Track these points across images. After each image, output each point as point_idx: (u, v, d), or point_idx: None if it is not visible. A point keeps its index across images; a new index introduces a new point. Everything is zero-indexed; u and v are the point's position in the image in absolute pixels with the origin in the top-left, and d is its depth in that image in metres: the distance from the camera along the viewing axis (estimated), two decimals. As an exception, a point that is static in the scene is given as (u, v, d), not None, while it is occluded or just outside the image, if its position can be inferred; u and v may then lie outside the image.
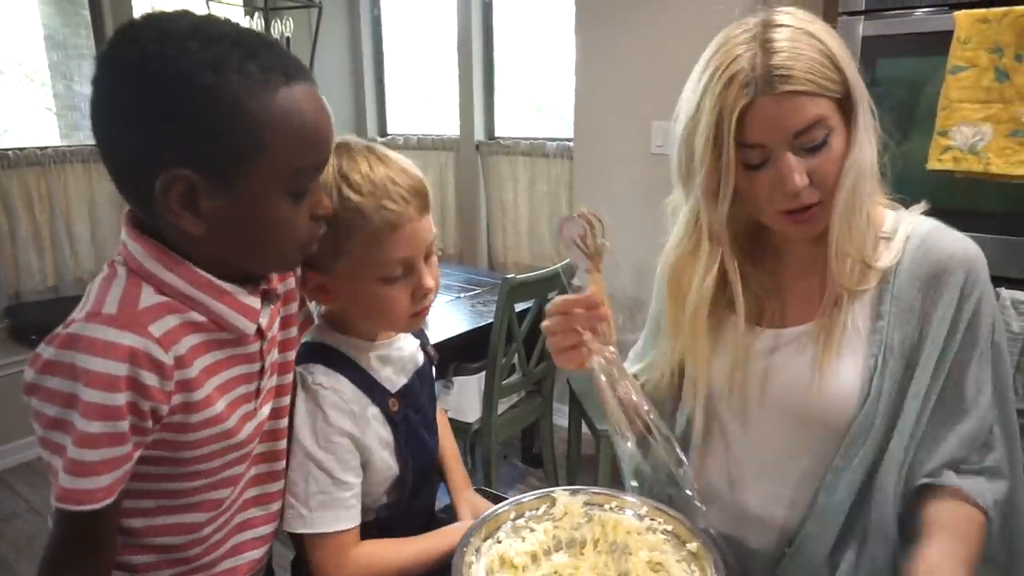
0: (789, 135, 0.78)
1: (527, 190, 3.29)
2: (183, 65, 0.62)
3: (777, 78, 0.76)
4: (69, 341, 0.64)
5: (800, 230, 0.84)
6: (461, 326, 2.36)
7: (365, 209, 0.79)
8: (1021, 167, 1.42)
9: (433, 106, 3.76)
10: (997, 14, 1.42)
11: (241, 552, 0.85)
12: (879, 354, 0.82)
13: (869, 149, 0.81)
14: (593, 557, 0.84)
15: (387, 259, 0.82)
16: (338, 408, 0.85)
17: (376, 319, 0.88)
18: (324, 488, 0.84)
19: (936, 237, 0.84)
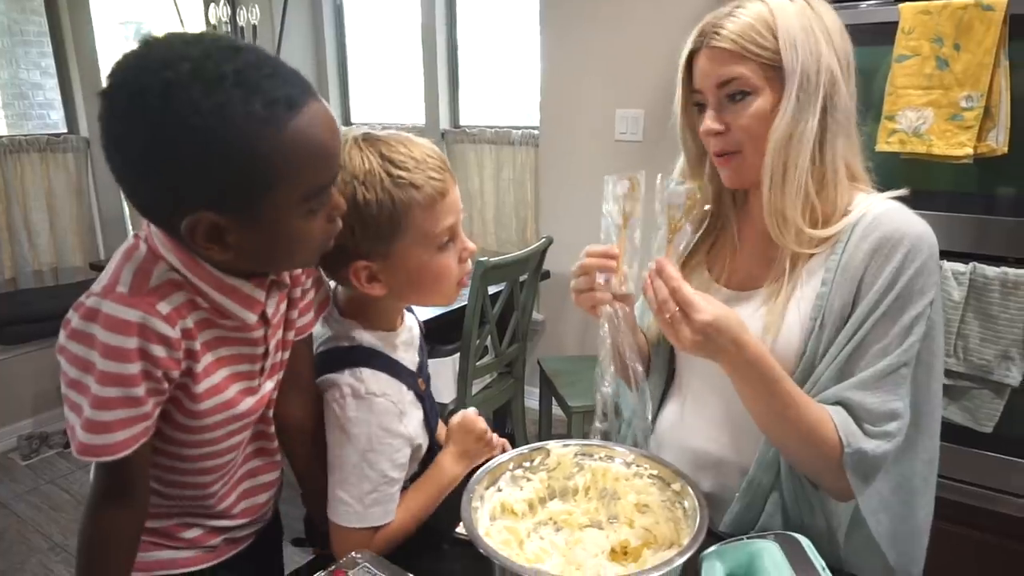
0: (714, 85, 0.93)
1: (493, 178, 3.34)
2: (190, 119, 0.62)
3: (712, 34, 0.91)
4: (89, 313, 0.70)
5: (726, 176, 0.98)
6: (434, 310, 2.40)
7: (417, 182, 0.83)
8: (960, 148, 1.54)
9: (398, 95, 3.77)
10: (938, 6, 1.54)
11: (248, 497, 0.93)
12: (818, 317, 0.91)
13: (796, 121, 0.89)
14: (585, 503, 0.91)
15: (441, 227, 0.86)
16: (390, 412, 0.88)
17: (431, 292, 0.91)
18: (377, 487, 0.88)
19: (890, 215, 0.91)
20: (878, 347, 0.90)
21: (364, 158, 0.82)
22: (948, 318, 1.62)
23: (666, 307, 0.84)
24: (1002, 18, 1.47)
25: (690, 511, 0.80)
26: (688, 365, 1.10)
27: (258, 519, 0.96)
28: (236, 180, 0.65)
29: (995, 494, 1.69)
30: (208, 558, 0.91)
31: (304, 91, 0.68)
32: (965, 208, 1.65)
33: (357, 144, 0.84)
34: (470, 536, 0.78)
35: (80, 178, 3.24)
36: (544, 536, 0.88)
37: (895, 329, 0.89)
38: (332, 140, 0.71)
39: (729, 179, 0.98)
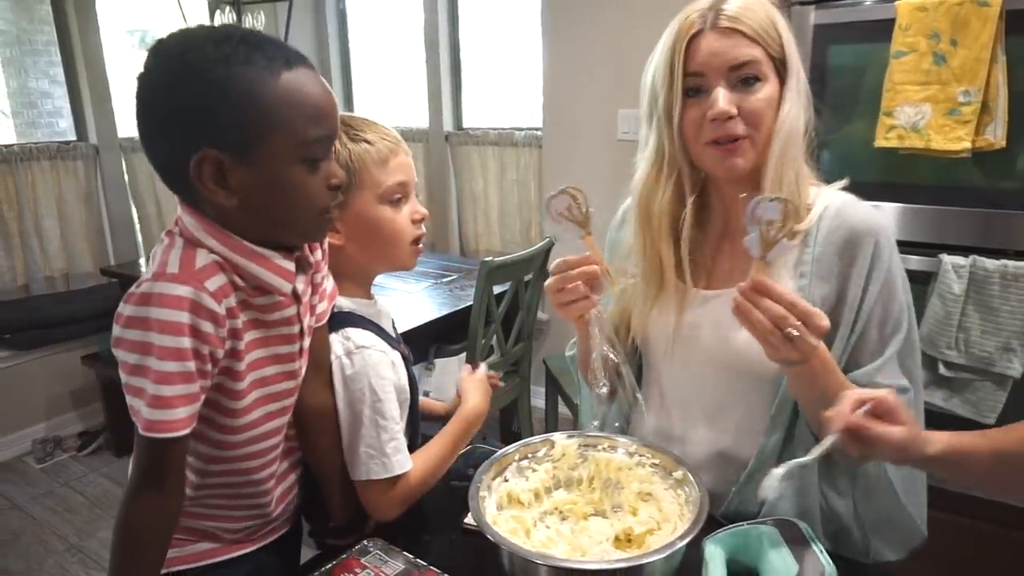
0: (725, 67, 0.90)
1: (497, 179, 3.37)
2: (200, 64, 0.72)
3: (725, 17, 0.90)
4: (143, 299, 0.74)
5: (727, 165, 0.93)
6: (440, 310, 2.43)
7: (370, 139, 0.93)
8: (957, 143, 1.56)
9: (401, 98, 3.81)
10: (934, 3, 1.55)
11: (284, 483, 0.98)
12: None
13: (798, 115, 0.92)
14: (589, 493, 0.93)
15: (392, 181, 0.95)
16: (383, 362, 0.95)
17: (383, 247, 0.98)
18: (394, 435, 0.95)
19: (851, 208, 0.95)
20: (877, 337, 0.93)
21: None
22: (949, 311, 1.64)
23: (786, 323, 0.79)
24: (998, 13, 1.49)
25: (691, 498, 0.82)
26: (666, 370, 1.08)
27: (292, 506, 1.01)
28: (236, 118, 0.73)
29: None
30: (245, 547, 0.96)
31: (301, 59, 0.77)
32: (964, 202, 1.66)
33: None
34: (478, 525, 0.81)
35: (90, 185, 3.27)
36: (550, 525, 0.90)
37: (890, 318, 0.93)
38: (324, 98, 0.78)
39: (732, 168, 0.94)
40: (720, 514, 1.00)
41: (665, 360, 1.07)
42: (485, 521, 0.80)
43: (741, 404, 1.00)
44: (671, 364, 1.07)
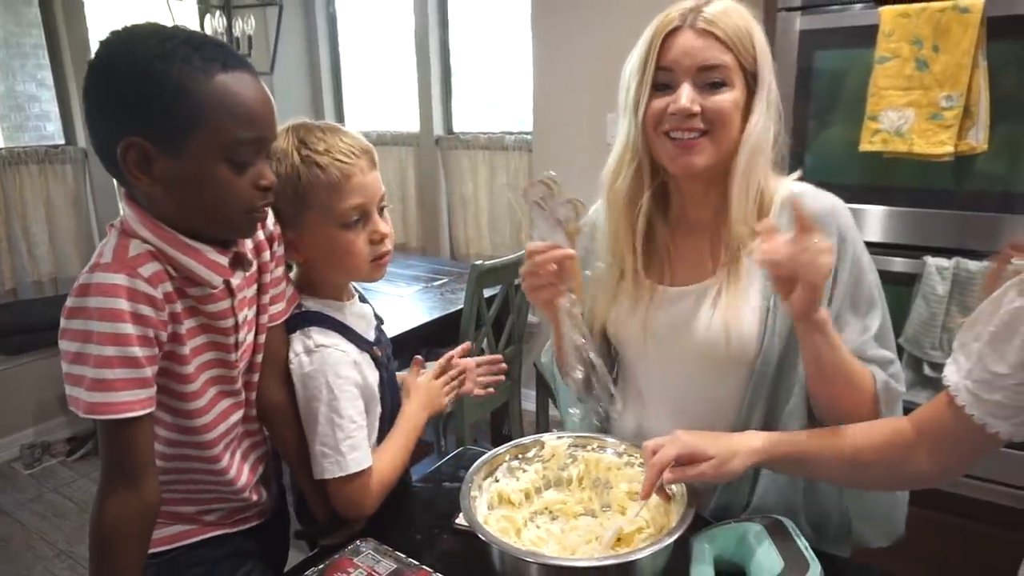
0: (694, 67, 0.92)
1: (487, 183, 3.38)
2: (139, 57, 0.76)
3: (703, 19, 0.92)
4: (81, 289, 0.78)
5: (683, 161, 0.95)
6: (431, 314, 2.44)
7: (322, 162, 0.93)
8: (940, 147, 1.58)
9: (391, 102, 3.82)
10: (916, 9, 1.58)
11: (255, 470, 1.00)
12: (772, 297, 0.96)
13: (767, 127, 0.95)
14: (579, 492, 0.94)
15: (345, 206, 0.94)
16: (342, 361, 0.95)
17: (341, 266, 0.99)
18: (350, 433, 0.94)
19: (810, 196, 0.98)
20: (854, 317, 0.97)
21: (286, 140, 0.93)
22: (933, 312, 1.66)
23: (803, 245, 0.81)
24: (979, 20, 1.51)
25: (678, 496, 0.84)
26: (641, 368, 1.10)
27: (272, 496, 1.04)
28: (165, 111, 0.76)
29: (978, 482, 1.73)
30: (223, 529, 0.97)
31: (240, 63, 0.80)
32: (947, 205, 1.69)
33: (287, 130, 0.94)
34: (470, 525, 0.82)
35: (78, 189, 3.26)
36: (540, 525, 0.92)
37: (863, 297, 0.96)
38: (257, 103, 0.81)
39: (686, 165, 0.96)
40: (708, 512, 1.01)
41: (639, 359, 1.09)
42: (476, 521, 0.81)
43: (719, 399, 1.02)
44: (646, 362, 1.09)
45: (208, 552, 0.95)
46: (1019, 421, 0.72)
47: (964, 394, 0.74)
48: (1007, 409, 0.72)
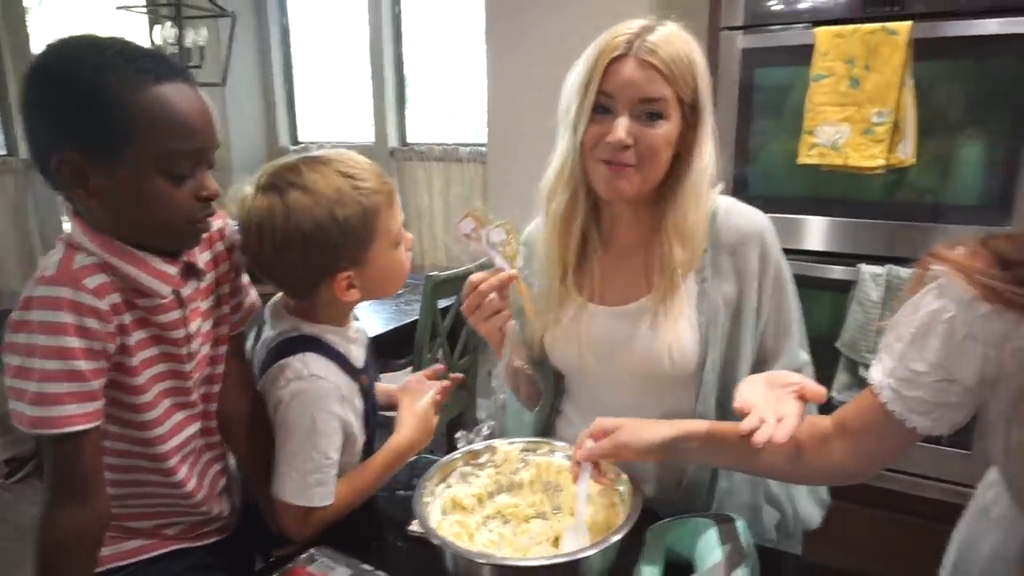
0: (634, 98, 0.94)
1: (442, 195, 3.39)
2: (72, 68, 0.76)
3: (647, 50, 0.93)
4: (25, 303, 0.77)
5: (613, 185, 0.97)
6: (386, 325, 2.44)
7: (377, 188, 0.93)
8: (872, 160, 1.67)
9: (346, 114, 3.81)
10: (849, 31, 1.67)
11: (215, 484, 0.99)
12: (707, 314, 1.00)
13: (712, 159, 0.99)
14: (530, 495, 0.97)
15: (398, 223, 0.97)
16: (332, 395, 0.94)
17: (391, 286, 1.02)
18: (320, 467, 0.93)
19: (736, 212, 1.03)
20: (777, 329, 1.03)
21: (329, 180, 0.90)
22: (868, 317, 1.74)
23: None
24: (906, 41, 1.60)
25: (625, 495, 0.87)
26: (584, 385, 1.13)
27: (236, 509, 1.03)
28: (97, 124, 0.75)
29: (914, 478, 1.81)
30: (183, 543, 0.96)
31: (176, 74, 0.79)
32: (880, 215, 1.78)
33: (314, 170, 0.91)
34: (423, 530, 0.83)
35: (20, 201, 3.17)
36: (493, 528, 0.93)
37: (786, 309, 1.03)
38: (193, 114, 0.80)
39: (616, 190, 0.98)
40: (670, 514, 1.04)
41: (578, 376, 1.12)
42: (429, 526, 0.83)
43: (667, 413, 1.03)
44: (586, 379, 1.12)
45: (167, 566, 0.94)
46: (936, 416, 0.77)
47: (887, 392, 0.79)
48: (926, 405, 0.77)
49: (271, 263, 0.93)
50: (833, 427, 0.87)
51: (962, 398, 0.75)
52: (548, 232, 1.07)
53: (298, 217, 0.88)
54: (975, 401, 0.76)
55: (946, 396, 0.75)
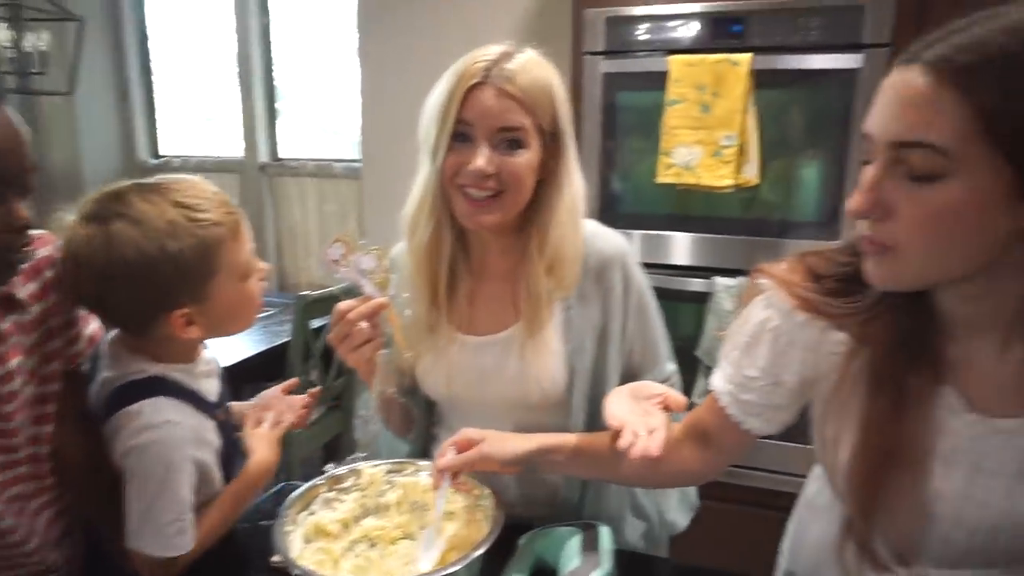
0: (494, 127, 0.94)
1: (316, 211, 3.32)
2: None
3: (504, 78, 0.94)
4: None
5: (476, 216, 0.97)
6: (256, 347, 2.35)
7: (218, 219, 0.87)
8: (722, 180, 1.80)
9: (212, 126, 3.64)
10: (698, 60, 1.79)
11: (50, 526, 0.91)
12: (573, 341, 1.03)
13: (580, 185, 1.02)
14: (397, 517, 0.96)
15: (245, 255, 0.91)
16: (187, 440, 0.88)
17: (241, 321, 0.95)
18: (179, 515, 0.87)
19: (598, 236, 1.06)
20: (643, 348, 1.08)
21: (162, 211, 0.84)
22: (722, 326, 1.86)
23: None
24: (747, 72, 1.74)
25: (489, 511, 0.88)
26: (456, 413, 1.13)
27: (69, 552, 0.94)
28: None
29: (747, 471, 1.95)
30: None
31: None
32: (731, 231, 1.92)
33: (145, 199, 0.85)
34: (284, 560, 0.81)
35: None
36: (359, 553, 0.92)
37: (651, 329, 1.08)
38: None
39: (479, 223, 0.98)
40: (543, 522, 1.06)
41: (449, 405, 1.12)
42: (290, 556, 0.81)
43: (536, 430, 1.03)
44: (457, 408, 1.12)
45: None
46: (767, 418, 0.84)
47: (726, 396, 0.85)
48: (758, 407, 0.83)
49: (94, 297, 0.87)
50: (683, 432, 0.93)
51: (787, 400, 0.83)
52: (414, 263, 1.05)
53: (121, 250, 0.82)
54: (799, 402, 0.84)
55: (774, 398, 0.83)
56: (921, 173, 0.62)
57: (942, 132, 0.60)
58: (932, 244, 0.64)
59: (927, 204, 0.62)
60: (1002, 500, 0.71)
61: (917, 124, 0.62)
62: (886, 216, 0.65)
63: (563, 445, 0.94)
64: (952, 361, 0.73)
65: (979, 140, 0.59)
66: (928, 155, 0.61)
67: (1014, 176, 0.59)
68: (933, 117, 0.61)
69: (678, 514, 1.20)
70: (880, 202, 0.65)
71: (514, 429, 1.01)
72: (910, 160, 0.63)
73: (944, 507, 0.74)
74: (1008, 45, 0.58)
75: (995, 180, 0.60)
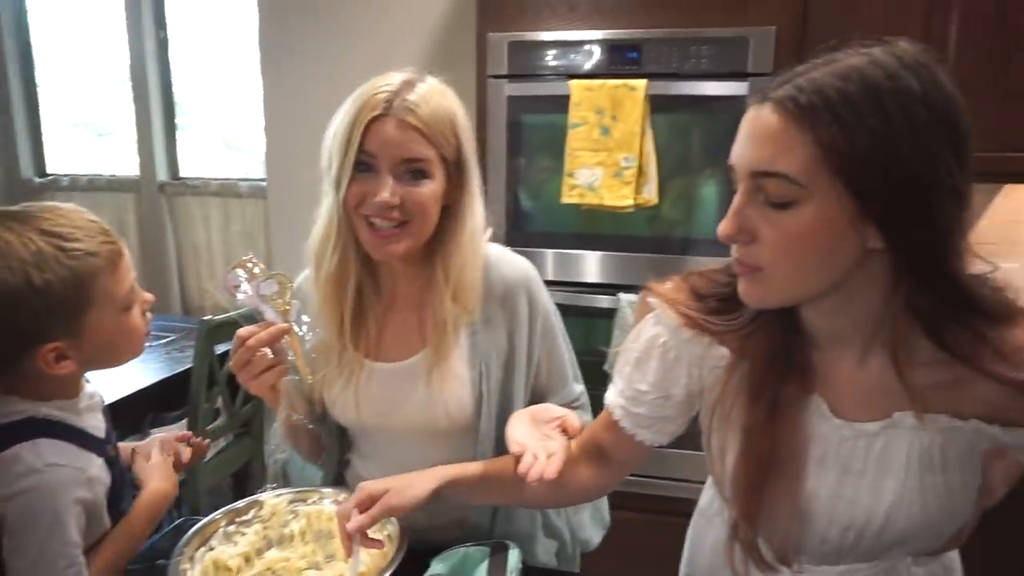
0: (397, 159, 0.94)
1: (221, 231, 3.21)
2: None
3: (406, 109, 0.94)
4: None
5: (383, 247, 0.98)
6: (156, 375, 2.25)
7: (92, 249, 0.84)
8: (623, 200, 1.87)
9: (106, 144, 3.47)
10: (597, 84, 1.86)
11: None
12: (480, 366, 1.04)
13: (481, 214, 1.04)
14: (301, 547, 0.95)
15: (125, 287, 0.88)
16: (75, 481, 0.85)
17: (123, 354, 0.92)
18: (74, 560, 0.84)
19: (503, 262, 1.08)
20: (550, 370, 1.10)
21: (26, 240, 0.81)
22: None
23: None
24: (643, 96, 1.83)
25: (394, 536, 0.88)
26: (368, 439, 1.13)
27: None
28: None
29: (653, 480, 2.03)
30: None
31: None
32: (634, 248, 1.99)
33: (8, 228, 0.81)
34: (179, 600, 0.78)
35: None
36: (263, 587, 0.90)
37: (557, 352, 1.11)
38: None
39: (387, 254, 0.99)
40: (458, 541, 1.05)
41: (358, 431, 1.12)
42: (186, 595, 0.78)
43: (447, 457, 1.03)
44: (367, 435, 1.12)
45: None
46: (657, 429, 0.88)
47: (618, 410, 0.89)
48: (648, 420, 0.88)
49: None
50: (580, 449, 0.96)
51: (676, 412, 0.88)
52: (321, 293, 1.04)
53: None
54: (688, 413, 0.89)
55: (664, 411, 0.87)
56: (777, 200, 0.68)
57: (792, 164, 0.66)
58: (793, 263, 0.70)
59: (785, 228, 0.68)
60: (868, 497, 0.78)
61: (771, 156, 0.68)
62: (751, 240, 0.71)
63: (467, 475, 0.95)
64: (820, 371, 0.79)
65: (823, 171, 0.65)
66: (782, 184, 0.67)
67: (854, 202, 0.65)
68: (784, 150, 0.67)
69: (591, 531, 1.23)
70: (744, 227, 0.71)
71: (423, 456, 1.02)
72: (767, 188, 0.69)
73: (818, 507, 0.80)
74: (843, 88, 0.65)
75: (840, 206, 0.66)
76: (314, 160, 1.04)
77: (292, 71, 2.77)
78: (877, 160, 0.64)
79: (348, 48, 2.64)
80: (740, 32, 1.80)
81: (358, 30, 2.62)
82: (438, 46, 2.55)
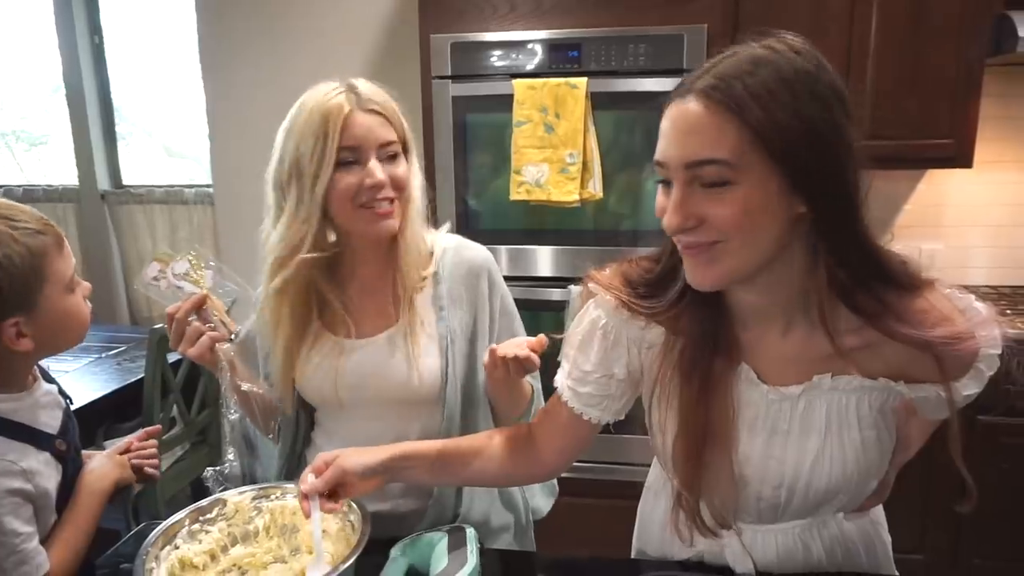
0: (376, 144, 1.03)
1: (167, 239, 3.16)
2: None
3: (367, 101, 1.03)
4: None
5: (380, 226, 1.05)
6: (107, 386, 2.21)
7: (41, 228, 0.89)
8: (569, 195, 1.93)
9: (42, 152, 3.38)
10: (540, 83, 1.91)
11: None
12: (447, 336, 1.10)
13: (421, 188, 1.12)
14: (266, 542, 0.97)
15: (71, 268, 0.93)
16: (7, 473, 0.87)
17: (71, 335, 0.96)
18: (15, 548, 0.86)
19: (464, 247, 1.17)
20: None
21: None
22: (577, 331, 1.99)
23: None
24: (584, 94, 1.89)
25: (357, 524, 0.91)
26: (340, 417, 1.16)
27: None
28: None
29: (612, 465, 2.10)
30: None
31: None
32: (583, 242, 2.05)
33: None
34: (147, 599, 0.80)
35: None
36: (229, 582, 0.92)
37: (516, 324, 1.18)
38: None
39: (386, 228, 1.06)
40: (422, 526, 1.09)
41: (333, 409, 1.15)
42: (153, 594, 0.80)
43: (417, 432, 1.11)
44: (340, 412, 1.15)
45: None
46: (604, 407, 0.94)
47: (567, 392, 0.94)
48: (594, 399, 0.93)
49: None
50: (532, 431, 1.01)
51: (620, 390, 0.93)
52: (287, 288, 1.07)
53: None
54: (631, 391, 0.95)
55: (608, 389, 0.92)
56: (714, 182, 0.73)
57: (724, 148, 0.72)
58: (744, 233, 0.75)
59: (728, 204, 0.74)
60: (794, 455, 0.85)
61: (703, 144, 0.73)
62: (699, 224, 0.76)
63: (421, 451, 0.99)
64: (746, 344, 0.86)
65: (754, 149, 0.72)
66: (717, 168, 0.73)
67: (782, 173, 0.72)
68: (715, 137, 0.72)
69: (541, 500, 1.31)
70: (691, 215, 0.76)
71: (393, 431, 1.08)
72: (704, 174, 0.74)
73: (751, 470, 0.86)
74: (757, 74, 0.72)
75: (771, 178, 0.72)
76: (261, 164, 1.08)
77: (234, 75, 2.74)
78: (797, 132, 0.71)
79: (290, 51, 2.63)
80: (675, 30, 1.87)
81: (300, 32, 2.62)
82: (382, 49, 2.57)
